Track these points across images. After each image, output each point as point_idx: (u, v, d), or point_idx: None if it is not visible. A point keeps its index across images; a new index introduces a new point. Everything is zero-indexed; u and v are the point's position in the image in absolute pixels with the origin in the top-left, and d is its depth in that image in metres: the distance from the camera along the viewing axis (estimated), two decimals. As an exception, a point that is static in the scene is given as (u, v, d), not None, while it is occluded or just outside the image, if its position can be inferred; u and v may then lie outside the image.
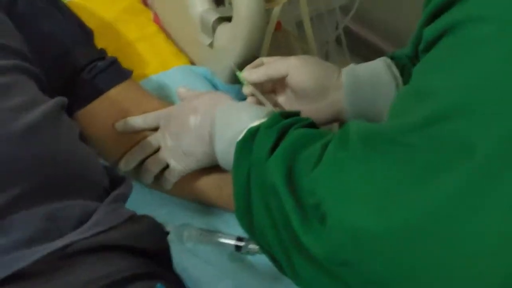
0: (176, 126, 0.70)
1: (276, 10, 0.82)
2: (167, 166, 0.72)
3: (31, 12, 0.72)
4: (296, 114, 0.61)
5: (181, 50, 0.96)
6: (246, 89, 0.75)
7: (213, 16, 0.84)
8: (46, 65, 0.71)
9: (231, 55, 0.82)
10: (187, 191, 0.74)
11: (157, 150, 0.73)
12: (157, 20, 0.99)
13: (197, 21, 0.86)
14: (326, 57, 1.41)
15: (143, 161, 0.74)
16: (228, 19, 0.83)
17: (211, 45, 0.86)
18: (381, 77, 0.70)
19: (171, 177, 0.72)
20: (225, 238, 0.73)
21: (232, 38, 0.81)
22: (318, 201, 0.45)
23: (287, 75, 0.71)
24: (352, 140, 0.46)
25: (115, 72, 0.75)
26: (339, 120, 0.74)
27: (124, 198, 0.60)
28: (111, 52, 0.87)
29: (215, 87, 0.88)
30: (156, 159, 0.72)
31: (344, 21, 1.30)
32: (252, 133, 0.57)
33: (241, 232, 0.75)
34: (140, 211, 0.74)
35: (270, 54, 0.83)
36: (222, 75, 0.87)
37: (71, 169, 0.56)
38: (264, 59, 0.76)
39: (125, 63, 0.87)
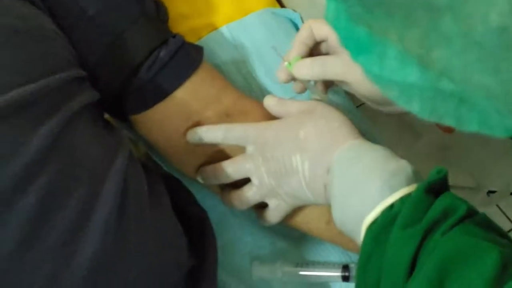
0: (275, 163, 0.52)
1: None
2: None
3: None
4: (442, 182, 0.43)
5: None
6: (297, 86, 0.58)
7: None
8: (92, 67, 0.51)
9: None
10: (286, 220, 0.58)
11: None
12: None
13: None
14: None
15: None
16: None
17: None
18: None
19: (273, 218, 0.56)
20: (328, 270, 0.60)
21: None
22: None
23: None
24: None
25: (182, 62, 0.53)
26: None
27: None
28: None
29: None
30: (243, 197, 0.55)
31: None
32: (385, 226, 0.43)
33: (341, 258, 0.62)
34: (222, 235, 0.60)
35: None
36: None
37: None
38: (313, 25, 0.55)
39: (184, 8, 0.65)
